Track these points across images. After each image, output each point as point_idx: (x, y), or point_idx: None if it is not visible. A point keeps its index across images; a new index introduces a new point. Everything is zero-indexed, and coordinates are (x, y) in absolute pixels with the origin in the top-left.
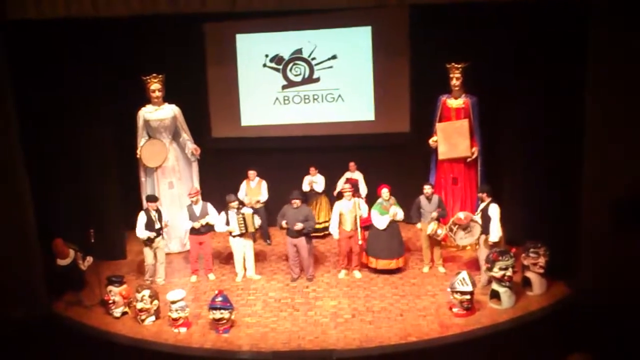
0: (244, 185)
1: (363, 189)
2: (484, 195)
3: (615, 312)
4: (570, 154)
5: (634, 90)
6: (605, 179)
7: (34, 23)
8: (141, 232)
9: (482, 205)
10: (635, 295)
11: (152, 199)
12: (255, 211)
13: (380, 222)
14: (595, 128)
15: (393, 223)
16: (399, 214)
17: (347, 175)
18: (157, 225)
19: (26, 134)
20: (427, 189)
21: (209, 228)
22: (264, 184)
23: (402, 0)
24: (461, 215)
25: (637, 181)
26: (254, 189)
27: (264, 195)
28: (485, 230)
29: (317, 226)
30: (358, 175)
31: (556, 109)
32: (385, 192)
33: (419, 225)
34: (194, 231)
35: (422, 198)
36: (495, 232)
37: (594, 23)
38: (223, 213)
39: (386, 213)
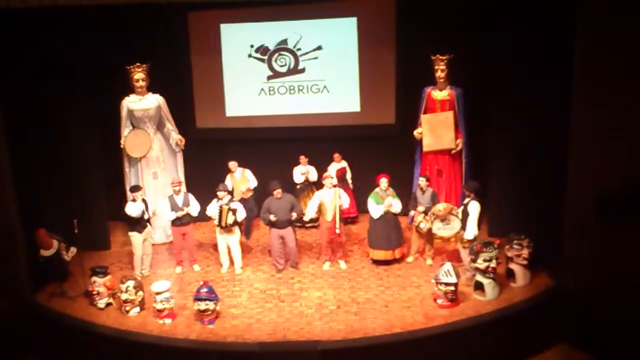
0: (229, 179)
1: (349, 175)
2: (470, 192)
3: (598, 305)
4: (556, 147)
5: (619, 87)
6: (591, 171)
7: (17, 13)
8: (132, 210)
9: (465, 201)
10: (618, 287)
11: (136, 188)
12: (245, 202)
13: (375, 211)
14: (580, 121)
15: (390, 214)
16: (395, 206)
17: (335, 166)
18: (146, 216)
19: (9, 125)
20: (422, 181)
21: (190, 219)
22: (249, 171)
23: None
24: (440, 207)
25: (621, 175)
26: (240, 180)
27: (252, 182)
28: (464, 225)
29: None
30: (344, 164)
31: (543, 102)
32: (383, 181)
33: (411, 213)
34: (176, 222)
35: (417, 190)
36: (471, 230)
37: (580, 20)
38: (215, 200)
39: (382, 203)
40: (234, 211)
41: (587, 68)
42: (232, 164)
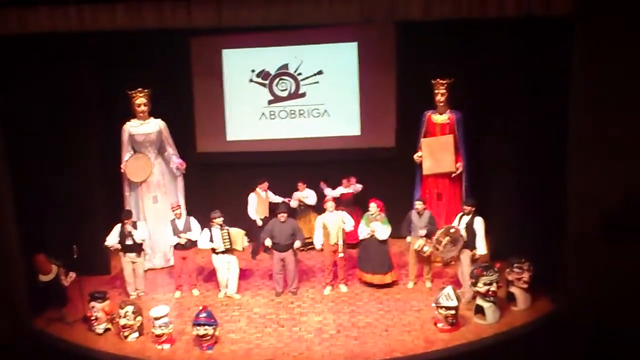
0: (253, 197)
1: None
2: (470, 208)
3: (601, 327)
4: (556, 169)
5: (619, 103)
6: (590, 193)
7: (17, 39)
8: (110, 239)
9: (466, 219)
10: (621, 308)
11: (127, 215)
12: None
13: (361, 232)
14: (580, 141)
15: (374, 239)
16: (379, 233)
17: (340, 190)
18: (129, 242)
19: (10, 148)
20: (418, 204)
21: (192, 243)
22: (271, 194)
23: (388, 16)
24: (451, 228)
25: (623, 194)
26: (265, 200)
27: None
28: (468, 244)
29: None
30: (351, 190)
31: (542, 122)
32: (372, 206)
33: (408, 239)
34: (177, 246)
35: (413, 213)
36: (482, 245)
37: (577, 38)
38: (206, 230)
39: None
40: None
41: (585, 91)
42: (263, 185)
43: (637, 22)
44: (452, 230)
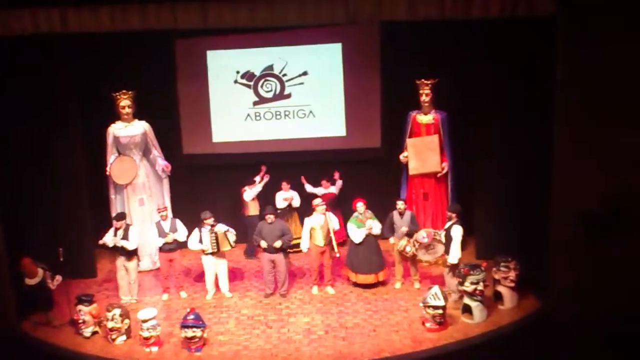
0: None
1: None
2: (453, 214)
3: (586, 325)
4: (542, 169)
5: (602, 104)
6: (574, 192)
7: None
8: (107, 238)
9: (447, 225)
10: (605, 307)
11: (118, 217)
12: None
13: (357, 235)
14: (563, 141)
15: (370, 237)
16: (375, 228)
17: (321, 190)
18: (119, 244)
19: None
20: (400, 204)
21: (178, 245)
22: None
23: (372, 17)
24: (424, 233)
25: (606, 194)
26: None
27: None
28: (447, 249)
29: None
30: (332, 190)
31: (527, 123)
32: (360, 205)
33: (391, 241)
34: (163, 248)
35: (394, 213)
36: (454, 254)
37: (560, 38)
38: (196, 230)
39: (362, 226)
40: (227, 232)
41: (570, 91)
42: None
43: (622, 21)
44: (424, 235)
